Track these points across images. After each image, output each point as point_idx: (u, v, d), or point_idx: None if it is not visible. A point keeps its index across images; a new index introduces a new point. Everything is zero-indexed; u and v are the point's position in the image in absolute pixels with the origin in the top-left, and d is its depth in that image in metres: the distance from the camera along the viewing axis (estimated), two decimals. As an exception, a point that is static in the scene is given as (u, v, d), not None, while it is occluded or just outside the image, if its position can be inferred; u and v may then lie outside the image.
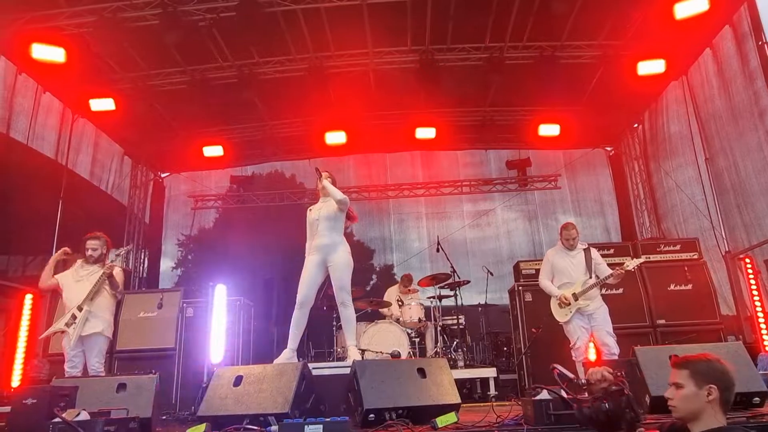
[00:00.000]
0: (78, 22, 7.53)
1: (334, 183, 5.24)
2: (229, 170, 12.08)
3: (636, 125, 11.08)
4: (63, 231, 8.64)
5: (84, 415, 3.28)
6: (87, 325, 4.87)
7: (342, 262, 5.00)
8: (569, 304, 5.40)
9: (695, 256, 7.13)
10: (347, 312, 5.02)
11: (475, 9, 7.78)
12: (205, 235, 12.80)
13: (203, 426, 3.49)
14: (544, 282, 5.71)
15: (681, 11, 7.15)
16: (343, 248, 5.08)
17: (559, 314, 5.54)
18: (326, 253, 5.01)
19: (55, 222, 8.70)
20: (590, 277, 5.45)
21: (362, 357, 5.74)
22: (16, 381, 5.28)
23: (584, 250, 5.61)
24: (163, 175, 12.47)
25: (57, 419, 3.17)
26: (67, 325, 4.84)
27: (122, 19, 7.41)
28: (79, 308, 4.87)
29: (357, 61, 9.04)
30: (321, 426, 3.07)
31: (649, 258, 6.87)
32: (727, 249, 8.25)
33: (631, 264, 5.33)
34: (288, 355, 4.89)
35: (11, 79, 7.96)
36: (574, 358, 5.37)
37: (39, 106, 8.52)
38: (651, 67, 8.34)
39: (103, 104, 8.65)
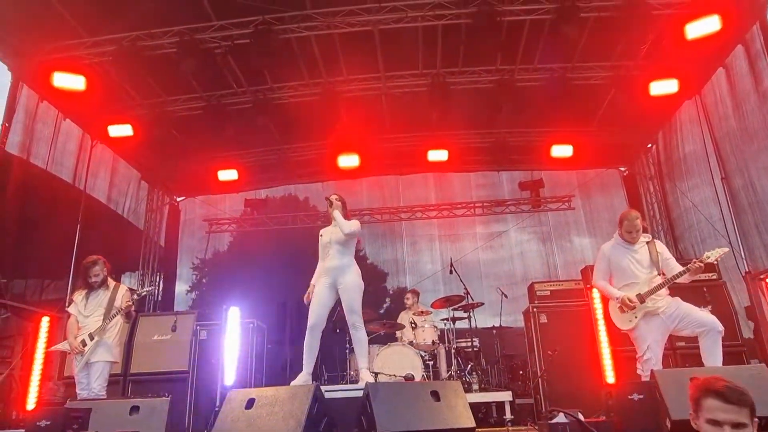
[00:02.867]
0: (98, 51, 7.76)
1: (344, 205, 5.30)
2: (243, 194, 12.19)
3: (650, 145, 11.01)
4: (80, 255, 8.75)
5: (97, 438, 3.28)
6: (94, 354, 4.96)
7: (353, 285, 5.04)
8: (634, 307, 4.56)
9: (714, 277, 6.97)
10: (359, 334, 5.04)
11: (485, 32, 7.84)
12: (220, 259, 12.87)
13: (215, 449, 3.46)
14: (600, 282, 4.87)
15: (693, 31, 7.14)
16: (354, 270, 5.13)
17: (621, 321, 4.67)
18: (336, 276, 5.06)
19: (72, 246, 8.81)
20: (657, 275, 4.66)
21: (375, 380, 5.68)
22: (31, 403, 5.29)
23: (647, 243, 4.80)
24: (178, 199, 12.64)
25: (70, 441, 3.17)
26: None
27: (141, 48, 7.62)
28: (91, 337, 4.96)
29: (369, 85, 9.16)
30: (333, 449, 3.03)
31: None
32: (747, 269, 8.08)
33: (713, 254, 4.47)
34: (304, 378, 4.91)
35: (33, 106, 8.17)
36: (639, 372, 4.59)
37: (59, 133, 8.72)
38: (664, 87, 8.31)
39: (121, 130, 8.83)
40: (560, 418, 3.21)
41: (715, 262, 4.60)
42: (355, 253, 5.33)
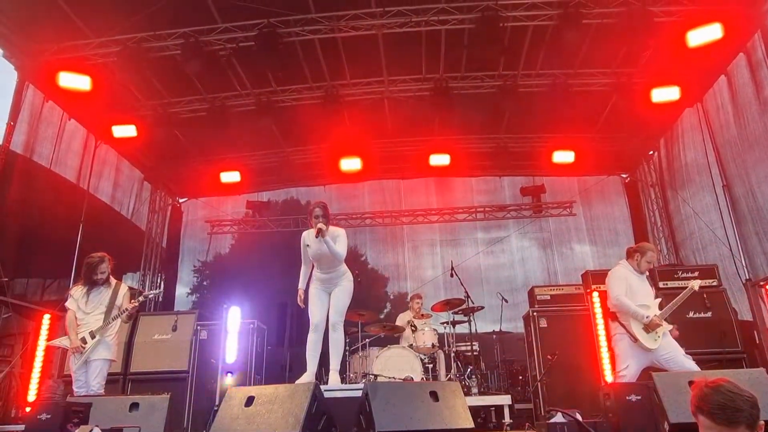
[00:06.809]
0: (104, 52, 7.83)
1: (327, 214, 5.18)
2: (246, 196, 12.22)
3: (651, 152, 11.05)
4: (82, 255, 8.75)
5: (97, 432, 3.30)
6: (94, 352, 4.95)
7: (346, 289, 5.26)
8: (660, 325, 4.74)
9: (714, 283, 7.00)
10: (336, 336, 5.13)
11: (488, 38, 7.91)
12: (221, 261, 12.89)
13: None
14: (626, 300, 4.84)
15: (694, 39, 7.19)
16: (348, 277, 5.32)
17: (647, 340, 4.74)
18: (332, 284, 5.25)
19: (75, 246, 8.81)
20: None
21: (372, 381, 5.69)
22: (31, 397, 5.31)
23: (647, 276, 5.15)
24: (181, 201, 12.70)
25: (70, 435, 3.19)
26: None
27: (146, 49, 7.70)
28: (92, 335, 4.95)
29: (372, 89, 9.22)
30: (332, 446, 3.05)
31: (667, 284, 6.84)
32: (747, 277, 8.09)
33: (696, 284, 4.96)
34: (308, 378, 4.94)
35: (38, 106, 8.23)
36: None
37: (63, 133, 8.77)
38: (665, 94, 8.35)
39: (125, 131, 8.89)
40: (558, 417, 3.22)
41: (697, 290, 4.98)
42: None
